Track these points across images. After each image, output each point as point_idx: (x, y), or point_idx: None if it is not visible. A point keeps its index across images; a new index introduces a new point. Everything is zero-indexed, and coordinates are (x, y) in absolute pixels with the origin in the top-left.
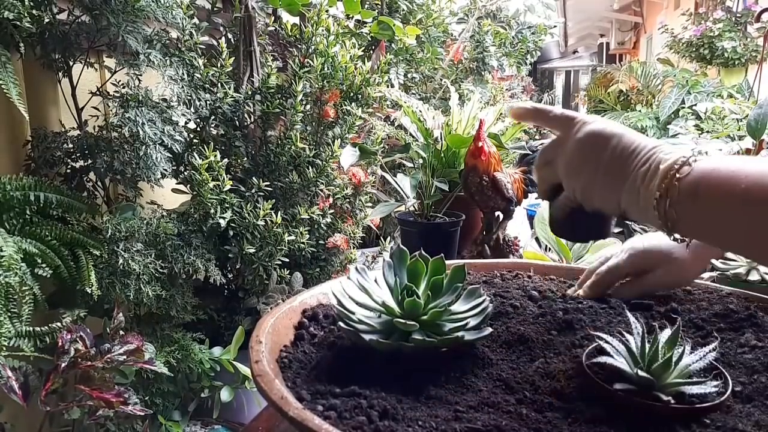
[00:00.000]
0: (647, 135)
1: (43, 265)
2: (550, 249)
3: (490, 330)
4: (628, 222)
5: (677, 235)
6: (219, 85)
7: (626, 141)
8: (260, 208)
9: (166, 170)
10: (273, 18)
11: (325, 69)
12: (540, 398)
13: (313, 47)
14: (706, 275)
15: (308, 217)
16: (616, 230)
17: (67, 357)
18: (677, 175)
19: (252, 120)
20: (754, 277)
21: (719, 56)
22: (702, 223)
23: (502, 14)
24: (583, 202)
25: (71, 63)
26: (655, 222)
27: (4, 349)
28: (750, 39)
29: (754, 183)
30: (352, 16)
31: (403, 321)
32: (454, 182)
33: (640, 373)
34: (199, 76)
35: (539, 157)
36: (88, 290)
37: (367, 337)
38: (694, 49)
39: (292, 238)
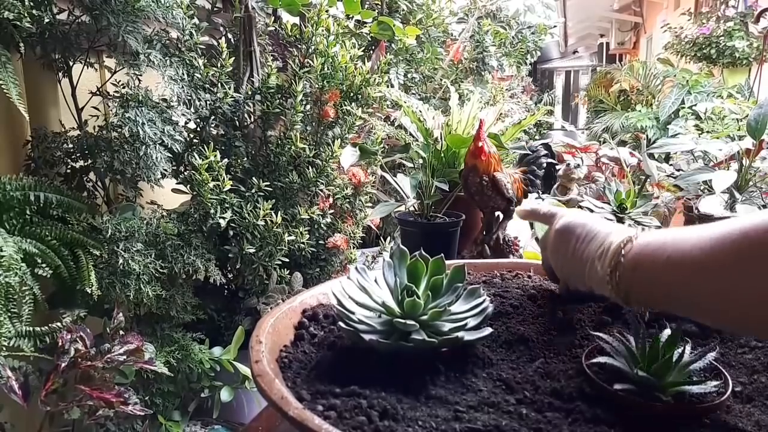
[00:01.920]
0: (647, 135)
1: (43, 265)
2: None
3: (490, 330)
4: None
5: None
6: (219, 85)
7: (588, 230)
8: (260, 208)
9: (166, 170)
10: (273, 18)
11: (325, 69)
12: (540, 398)
13: (313, 47)
14: None
15: (308, 217)
16: None
17: (67, 357)
18: (622, 252)
19: (252, 120)
20: None
21: (728, 55)
22: (644, 292)
23: (502, 14)
24: (565, 281)
25: (71, 63)
26: (612, 295)
27: (4, 349)
28: (754, 39)
29: (674, 250)
30: (352, 16)
31: (403, 321)
32: (454, 182)
33: (640, 373)
34: (199, 76)
35: (540, 243)
36: (88, 290)
37: (367, 337)
38: (698, 49)
39: (292, 238)
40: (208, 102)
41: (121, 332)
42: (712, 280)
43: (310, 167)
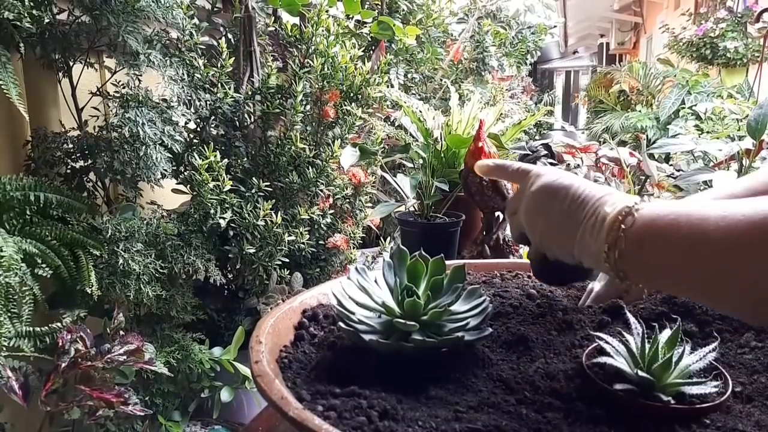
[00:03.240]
0: (647, 135)
1: (43, 265)
2: None
3: (490, 330)
4: None
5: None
6: (219, 85)
7: (574, 192)
8: (260, 209)
9: (166, 170)
10: (273, 18)
11: (325, 69)
12: (540, 398)
13: (313, 47)
14: None
15: (308, 217)
16: None
17: (67, 357)
18: (622, 227)
19: (252, 120)
20: None
21: (721, 56)
22: (649, 271)
23: (502, 14)
24: (544, 251)
25: (71, 63)
26: (608, 271)
27: (4, 349)
28: (751, 39)
29: (690, 228)
30: (352, 17)
31: (403, 321)
32: (454, 182)
33: (640, 373)
34: (199, 76)
35: (507, 206)
36: (88, 290)
37: (367, 337)
38: (695, 49)
39: (292, 238)
40: (208, 102)
41: (121, 332)
42: (745, 268)
43: (310, 167)
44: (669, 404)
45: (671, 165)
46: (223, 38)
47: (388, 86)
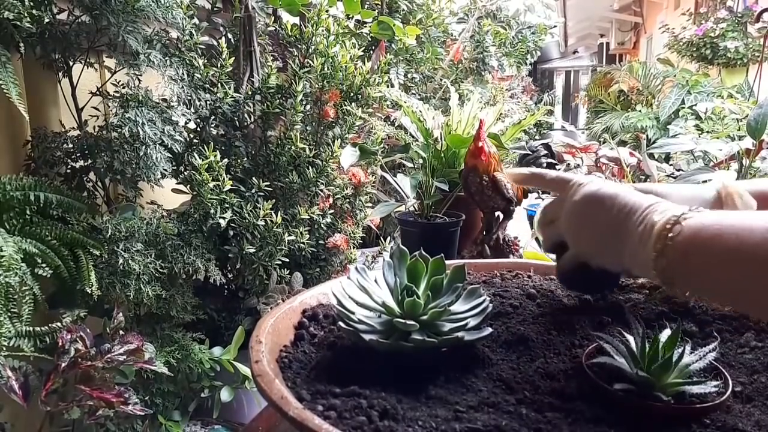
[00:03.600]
0: (647, 135)
1: (43, 265)
2: None
3: (490, 330)
4: None
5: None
6: (219, 85)
7: (621, 202)
8: (260, 208)
9: (166, 170)
10: (273, 18)
11: (325, 69)
12: (540, 398)
13: (313, 47)
14: None
15: (308, 217)
16: None
17: (67, 357)
18: (670, 235)
19: (252, 120)
20: None
21: (721, 56)
22: (696, 281)
23: (502, 14)
24: (588, 261)
25: (71, 63)
26: (657, 280)
27: (4, 349)
28: (751, 39)
29: (735, 241)
30: (352, 16)
31: (403, 321)
32: (454, 182)
33: (640, 373)
34: (199, 76)
35: (541, 216)
36: (88, 290)
37: (367, 337)
38: (695, 49)
39: (292, 238)
40: (208, 102)
41: (121, 332)
42: None
43: (310, 167)
44: (669, 404)
45: (671, 165)
46: (223, 38)
47: (388, 86)
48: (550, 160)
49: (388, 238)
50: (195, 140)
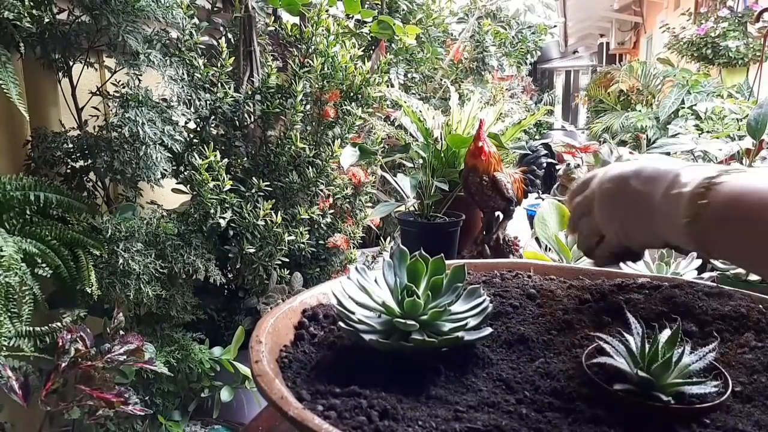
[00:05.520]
0: (647, 135)
1: (43, 265)
2: (550, 249)
3: (490, 330)
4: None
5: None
6: (219, 85)
7: (646, 174)
8: (260, 208)
9: (166, 170)
10: (273, 18)
11: (325, 69)
12: (540, 398)
13: (313, 47)
14: (706, 275)
15: (308, 217)
16: None
17: (67, 357)
18: (704, 201)
19: (252, 120)
20: (754, 276)
21: (722, 56)
22: (734, 248)
23: (502, 14)
24: (628, 244)
25: (71, 63)
26: (691, 247)
27: (4, 349)
28: (752, 39)
29: None
30: (352, 16)
31: (403, 321)
32: (454, 182)
33: (640, 373)
34: (199, 76)
35: (574, 211)
36: (88, 290)
37: (367, 337)
38: (695, 49)
39: (292, 238)
40: (208, 102)
41: (121, 332)
42: None
43: (310, 167)
44: (669, 404)
45: None
46: (223, 38)
47: (388, 86)
48: (550, 160)
49: (388, 238)
50: (195, 140)
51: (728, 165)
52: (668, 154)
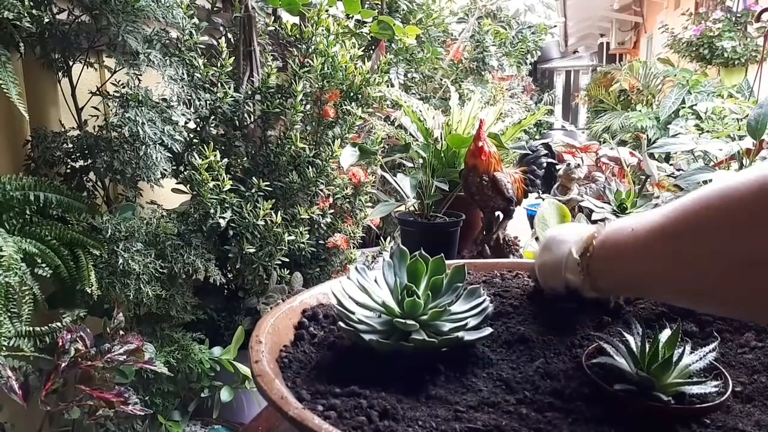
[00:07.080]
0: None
1: (43, 265)
2: None
3: (490, 330)
4: None
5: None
6: (219, 84)
7: (565, 230)
8: (260, 208)
9: (166, 170)
10: (273, 18)
11: (325, 69)
12: (540, 398)
13: (313, 47)
14: None
15: (308, 217)
16: None
17: (67, 357)
18: (594, 235)
19: (252, 120)
20: None
21: (719, 56)
22: (611, 271)
23: (502, 14)
24: (553, 291)
25: (71, 63)
26: (583, 283)
27: (4, 349)
28: (750, 39)
29: (635, 222)
30: (352, 16)
31: (403, 321)
32: (454, 182)
33: (640, 373)
34: (199, 75)
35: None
36: (88, 290)
37: (367, 337)
38: (693, 49)
39: (292, 238)
40: (208, 102)
41: (121, 332)
42: (669, 246)
43: (310, 167)
44: (669, 404)
45: (671, 164)
46: (223, 38)
47: (388, 86)
48: (550, 160)
49: (388, 238)
50: (195, 140)
51: (603, 224)
52: (669, 153)
